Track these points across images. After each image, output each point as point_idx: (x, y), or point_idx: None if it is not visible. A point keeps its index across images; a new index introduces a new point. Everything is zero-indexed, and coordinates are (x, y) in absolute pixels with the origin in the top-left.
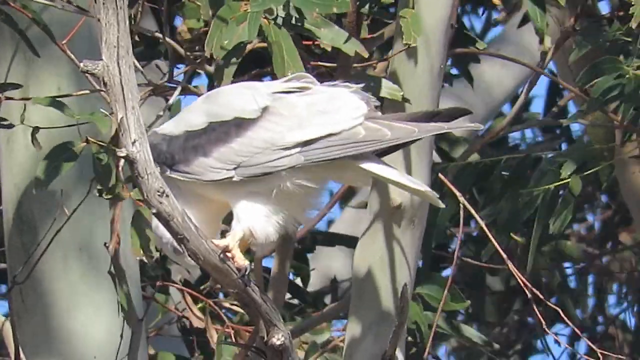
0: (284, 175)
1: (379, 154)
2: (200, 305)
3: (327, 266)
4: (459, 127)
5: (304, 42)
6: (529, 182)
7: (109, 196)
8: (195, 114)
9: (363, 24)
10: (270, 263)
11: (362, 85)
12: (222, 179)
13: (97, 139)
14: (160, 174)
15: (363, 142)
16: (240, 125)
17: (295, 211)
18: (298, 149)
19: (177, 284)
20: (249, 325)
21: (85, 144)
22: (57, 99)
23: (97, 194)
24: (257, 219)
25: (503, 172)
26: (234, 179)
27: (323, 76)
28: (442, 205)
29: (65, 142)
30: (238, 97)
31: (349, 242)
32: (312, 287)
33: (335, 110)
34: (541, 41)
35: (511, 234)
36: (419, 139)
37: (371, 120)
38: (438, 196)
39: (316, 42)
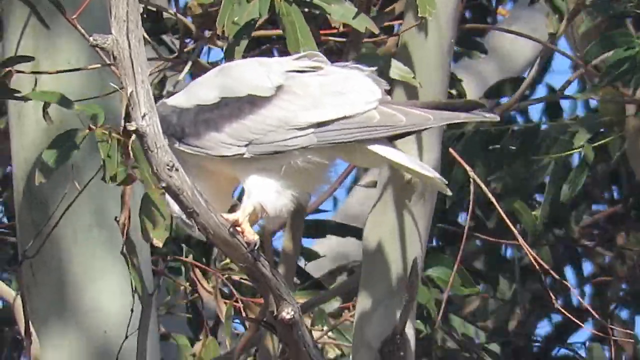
0: (296, 154)
1: (391, 138)
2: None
3: (339, 246)
4: (475, 117)
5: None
6: (538, 151)
7: (113, 184)
8: (207, 87)
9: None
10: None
11: (374, 68)
12: (232, 155)
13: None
14: (169, 145)
15: (377, 127)
16: (253, 102)
17: (306, 185)
18: (312, 130)
19: (186, 259)
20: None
21: (88, 131)
22: (64, 95)
23: (103, 180)
24: (267, 194)
25: (512, 141)
26: (244, 156)
27: (333, 52)
28: (450, 193)
29: (69, 130)
30: (252, 74)
31: (345, 231)
32: (323, 269)
33: (350, 93)
34: (560, 19)
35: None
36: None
37: (386, 105)
38: (447, 183)
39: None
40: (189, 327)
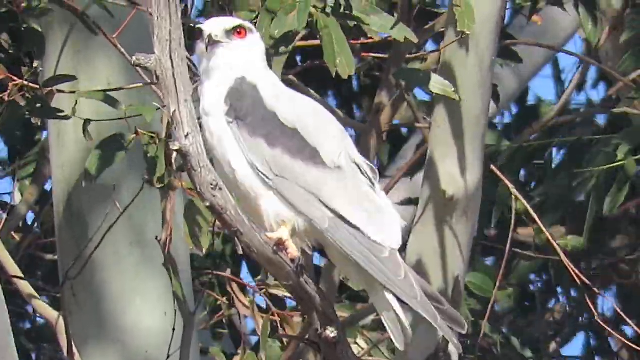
0: (304, 218)
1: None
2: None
3: None
4: (447, 334)
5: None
6: (581, 165)
7: (159, 185)
8: (294, 110)
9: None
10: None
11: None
12: (262, 172)
13: (148, 132)
14: (226, 112)
15: (379, 263)
16: (312, 157)
17: None
18: (331, 216)
19: (224, 274)
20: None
21: (135, 135)
22: (109, 94)
23: (147, 184)
24: (305, 210)
25: (554, 155)
26: (269, 183)
27: (372, 68)
28: (402, 349)
29: (115, 134)
30: (331, 139)
31: None
32: None
33: (380, 223)
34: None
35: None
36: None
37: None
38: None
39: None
40: (227, 341)
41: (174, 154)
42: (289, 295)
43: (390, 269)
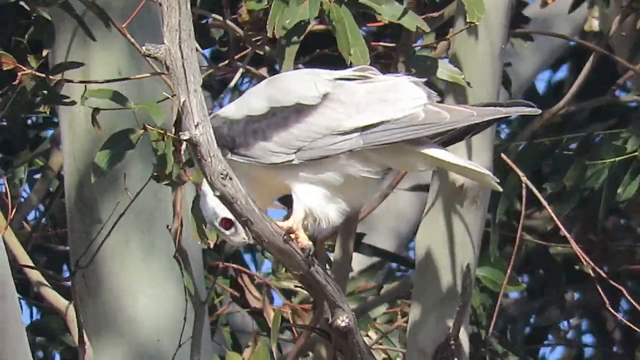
0: (343, 160)
1: (442, 144)
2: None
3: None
4: (517, 111)
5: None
6: (592, 157)
7: (167, 182)
8: (256, 98)
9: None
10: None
11: (424, 79)
12: (282, 162)
13: (156, 125)
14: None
15: (422, 125)
16: (300, 111)
17: (353, 198)
18: (357, 134)
19: (235, 265)
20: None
21: (143, 131)
22: (117, 91)
23: (154, 180)
24: (316, 200)
25: (565, 152)
26: (293, 162)
27: (382, 57)
28: (500, 189)
29: (124, 129)
30: (299, 83)
31: (387, 255)
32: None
33: (395, 99)
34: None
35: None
36: (480, 129)
37: (431, 104)
38: (498, 181)
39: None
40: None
41: (184, 144)
42: (300, 286)
43: (435, 120)
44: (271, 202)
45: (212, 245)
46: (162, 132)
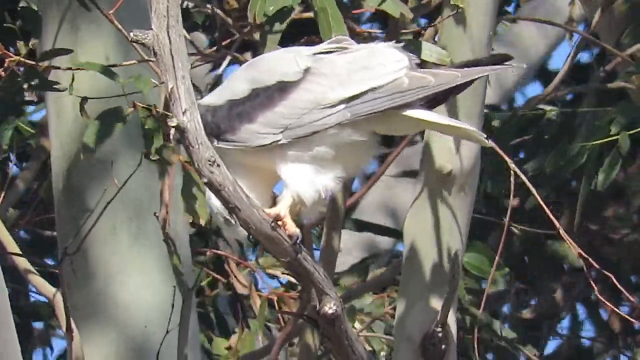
0: (332, 133)
1: (427, 105)
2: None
3: (368, 235)
4: (502, 67)
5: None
6: (574, 138)
7: (156, 157)
8: (237, 82)
9: None
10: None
11: (402, 44)
12: (269, 143)
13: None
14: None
15: (408, 91)
16: (283, 88)
17: (347, 166)
18: (343, 105)
19: (222, 251)
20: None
21: (132, 108)
22: (106, 66)
23: (145, 157)
24: (303, 184)
25: (547, 129)
26: (281, 142)
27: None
28: (490, 144)
29: (114, 107)
30: (279, 62)
31: (379, 230)
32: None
33: (377, 65)
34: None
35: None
36: (465, 87)
37: (414, 69)
38: (485, 136)
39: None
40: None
41: (172, 130)
42: (286, 273)
43: (420, 85)
44: (269, 191)
45: (203, 222)
46: (150, 108)
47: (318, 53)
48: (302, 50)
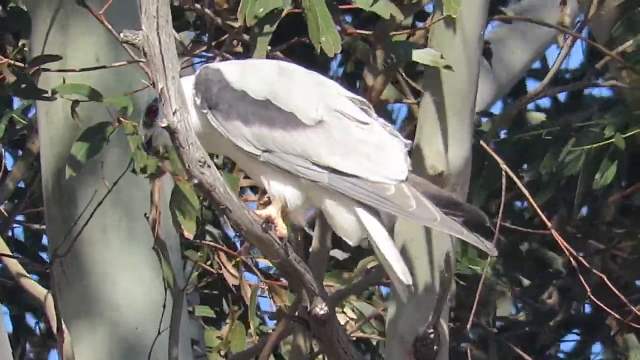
0: (304, 182)
1: None
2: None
3: None
4: (476, 243)
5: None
6: (567, 143)
7: (145, 175)
8: (260, 81)
9: None
10: None
11: (410, 143)
12: (248, 151)
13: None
14: (199, 106)
15: (386, 201)
16: (290, 121)
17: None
18: (327, 172)
19: (211, 242)
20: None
21: (117, 125)
22: (93, 88)
23: (134, 172)
24: (283, 187)
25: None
26: (259, 159)
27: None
28: (404, 300)
29: (100, 123)
30: (305, 95)
31: None
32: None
33: (379, 161)
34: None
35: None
36: None
37: (406, 184)
38: (407, 288)
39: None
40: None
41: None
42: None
43: (400, 203)
44: None
45: (191, 237)
46: (135, 124)
47: (341, 107)
48: (333, 90)
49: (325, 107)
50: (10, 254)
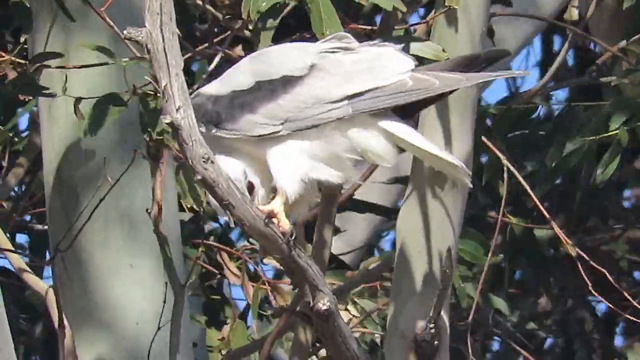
0: (332, 128)
1: (422, 107)
2: (237, 263)
3: (349, 233)
4: (506, 74)
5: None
6: (569, 134)
7: (152, 144)
8: (242, 73)
9: None
10: None
11: (402, 45)
12: (269, 133)
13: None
14: (207, 132)
15: (411, 92)
16: (287, 82)
17: (333, 171)
18: (346, 102)
19: (214, 243)
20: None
21: (133, 90)
22: (106, 47)
23: (145, 139)
24: (288, 180)
25: (542, 124)
26: (280, 133)
27: (361, 37)
28: (471, 186)
29: (113, 93)
30: (285, 57)
31: (378, 210)
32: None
33: (382, 67)
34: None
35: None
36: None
37: (418, 71)
38: (470, 173)
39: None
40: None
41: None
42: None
43: (424, 87)
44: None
45: (204, 205)
46: (151, 93)
47: (323, 51)
48: (308, 47)
49: (308, 54)
50: (13, 249)
